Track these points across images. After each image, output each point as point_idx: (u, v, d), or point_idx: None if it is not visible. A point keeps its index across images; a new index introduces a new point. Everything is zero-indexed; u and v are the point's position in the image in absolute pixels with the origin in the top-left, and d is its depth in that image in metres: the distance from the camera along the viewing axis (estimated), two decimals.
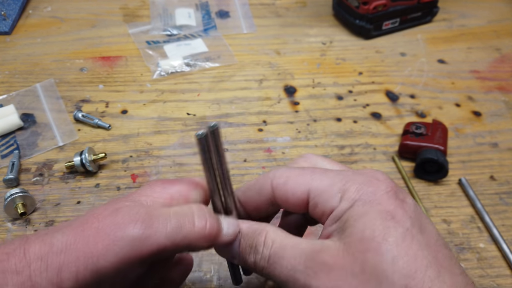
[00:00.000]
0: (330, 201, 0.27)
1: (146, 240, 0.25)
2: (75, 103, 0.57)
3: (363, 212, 0.25)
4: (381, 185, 0.27)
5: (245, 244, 0.29)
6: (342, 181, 0.27)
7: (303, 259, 0.26)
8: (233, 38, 0.68)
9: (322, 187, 0.28)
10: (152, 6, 0.74)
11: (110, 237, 0.25)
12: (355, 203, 0.26)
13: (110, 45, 0.66)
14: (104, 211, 0.26)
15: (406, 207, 0.26)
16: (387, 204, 0.26)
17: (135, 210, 0.26)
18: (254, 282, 0.40)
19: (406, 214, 0.25)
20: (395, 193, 0.26)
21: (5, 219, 0.45)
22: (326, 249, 0.26)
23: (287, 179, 0.29)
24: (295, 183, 0.29)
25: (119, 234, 0.25)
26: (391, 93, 0.60)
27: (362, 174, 0.28)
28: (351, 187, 0.27)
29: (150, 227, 0.26)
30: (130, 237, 0.25)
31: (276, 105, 0.58)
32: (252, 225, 0.30)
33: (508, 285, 0.41)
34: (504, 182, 0.49)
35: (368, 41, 0.68)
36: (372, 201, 0.26)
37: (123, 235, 0.25)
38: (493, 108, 0.58)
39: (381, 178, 0.27)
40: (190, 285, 0.40)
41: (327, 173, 0.28)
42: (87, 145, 0.52)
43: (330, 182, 0.28)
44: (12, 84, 0.60)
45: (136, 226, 0.25)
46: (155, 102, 0.58)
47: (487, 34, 0.70)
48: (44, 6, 0.73)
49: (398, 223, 0.25)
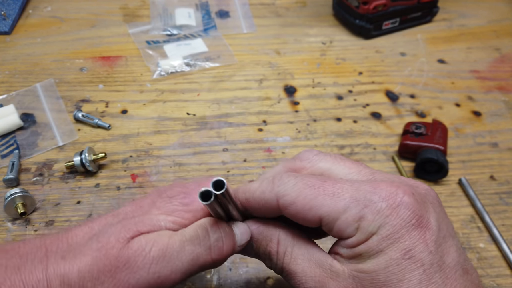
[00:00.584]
0: (345, 229, 0.25)
1: (162, 283, 0.26)
2: (75, 103, 0.57)
3: (379, 249, 0.24)
4: (404, 213, 0.24)
5: (258, 250, 0.30)
6: (358, 206, 0.24)
7: (316, 285, 0.26)
8: (233, 38, 0.68)
9: (336, 214, 0.25)
10: (152, 6, 0.74)
11: (123, 284, 0.25)
12: (372, 237, 0.24)
13: (110, 45, 0.66)
14: (116, 243, 0.25)
15: (427, 237, 0.24)
16: (406, 239, 0.23)
17: (149, 247, 0.26)
18: (254, 282, 0.40)
19: (426, 248, 0.23)
20: (418, 221, 0.24)
21: (5, 219, 0.45)
22: (335, 277, 0.26)
23: (295, 199, 0.26)
24: (305, 206, 0.26)
25: (132, 282, 0.25)
26: (391, 93, 0.60)
27: (383, 191, 0.25)
28: (368, 216, 0.24)
29: (165, 267, 0.25)
30: (143, 285, 0.25)
31: (276, 105, 0.58)
32: (263, 231, 0.29)
33: (508, 285, 0.41)
34: (504, 182, 0.49)
35: (368, 41, 0.68)
36: (390, 236, 0.24)
37: (136, 284, 0.25)
38: (493, 108, 0.58)
39: (405, 201, 0.24)
40: (190, 285, 0.40)
41: (341, 192, 0.25)
42: (87, 145, 0.52)
43: (345, 206, 0.25)
44: (12, 84, 0.60)
45: (150, 272, 0.25)
46: (155, 102, 0.58)
47: (487, 34, 0.70)
48: (44, 6, 0.73)
49: (416, 263, 0.23)
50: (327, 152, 0.31)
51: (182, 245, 0.26)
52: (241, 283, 0.40)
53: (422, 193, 0.26)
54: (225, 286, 0.40)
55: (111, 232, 0.26)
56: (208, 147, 0.53)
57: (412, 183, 0.27)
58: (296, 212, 0.26)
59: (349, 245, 0.25)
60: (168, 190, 0.29)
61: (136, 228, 0.26)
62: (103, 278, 0.24)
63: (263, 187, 0.28)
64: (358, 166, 0.28)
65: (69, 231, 0.27)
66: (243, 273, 0.41)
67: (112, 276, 0.25)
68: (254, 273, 0.41)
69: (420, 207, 0.24)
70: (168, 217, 0.28)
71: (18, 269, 0.24)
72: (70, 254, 0.25)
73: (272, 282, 0.40)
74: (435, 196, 0.27)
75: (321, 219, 0.26)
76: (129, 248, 0.25)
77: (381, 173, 0.28)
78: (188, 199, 0.28)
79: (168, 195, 0.29)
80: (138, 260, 0.25)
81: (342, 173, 0.28)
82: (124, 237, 0.26)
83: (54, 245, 0.26)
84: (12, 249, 0.26)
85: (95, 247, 0.25)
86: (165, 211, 0.28)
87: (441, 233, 0.24)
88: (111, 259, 0.25)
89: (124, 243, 0.25)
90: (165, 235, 0.26)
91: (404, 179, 0.27)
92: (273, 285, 0.40)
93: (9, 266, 0.25)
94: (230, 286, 0.40)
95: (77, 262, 0.25)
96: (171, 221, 0.28)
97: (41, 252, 0.26)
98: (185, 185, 0.29)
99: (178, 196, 0.28)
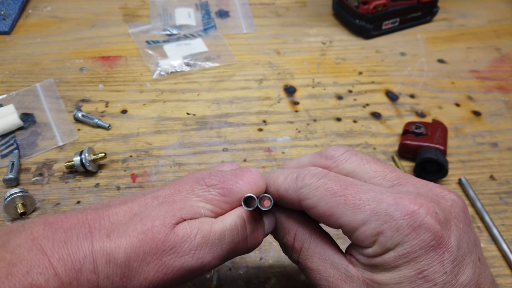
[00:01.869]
0: (362, 241, 0.25)
1: (204, 267, 0.27)
2: (75, 103, 0.57)
3: (395, 265, 0.24)
4: (424, 235, 0.24)
5: (276, 237, 0.31)
6: (378, 221, 0.24)
7: (329, 285, 0.27)
8: (233, 38, 0.68)
9: (355, 225, 0.25)
10: (152, 6, 0.74)
11: (168, 267, 0.26)
12: (389, 252, 0.24)
13: (110, 44, 0.66)
14: (162, 228, 0.27)
15: (445, 258, 0.24)
16: (423, 259, 0.23)
17: (193, 234, 0.27)
18: (254, 282, 0.40)
19: (442, 269, 0.23)
20: (437, 242, 0.24)
21: (5, 219, 0.45)
22: (349, 281, 0.26)
23: (316, 204, 0.26)
24: (325, 213, 0.26)
25: (177, 265, 0.26)
26: (391, 93, 0.60)
27: (405, 208, 0.24)
28: (387, 232, 0.24)
29: (208, 253, 0.27)
30: (187, 269, 0.27)
31: (276, 105, 0.58)
32: (282, 222, 0.30)
33: (508, 285, 0.41)
34: (504, 181, 0.49)
35: (368, 41, 0.68)
36: (407, 255, 0.24)
37: (181, 267, 0.26)
38: (493, 108, 0.58)
39: (426, 223, 0.24)
40: (190, 285, 0.40)
41: (362, 204, 0.25)
42: (87, 145, 0.52)
43: (364, 219, 0.25)
44: (12, 84, 0.60)
45: (195, 257, 0.27)
46: (155, 102, 0.58)
47: (487, 34, 0.70)
48: (44, 6, 0.73)
49: (429, 282, 0.23)
50: (355, 151, 0.30)
51: (223, 234, 0.28)
52: (241, 283, 0.40)
53: (447, 207, 0.26)
54: (225, 286, 0.40)
55: (155, 216, 0.27)
56: (208, 147, 0.53)
57: (438, 193, 0.27)
58: (317, 216, 0.27)
59: (365, 254, 0.26)
60: (206, 178, 0.30)
61: (180, 214, 0.27)
62: (149, 259, 0.26)
63: (287, 185, 0.28)
64: (384, 170, 0.28)
65: (109, 209, 0.28)
66: (243, 273, 0.41)
67: (158, 258, 0.26)
68: (254, 273, 0.41)
69: (441, 227, 0.24)
70: (207, 205, 0.29)
71: (64, 243, 0.25)
72: (114, 233, 0.26)
73: (272, 282, 0.40)
74: (462, 206, 0.27)
75: (341, 227, 0.26)
76: (175, 234, 0.27)
77: (409, 178, 0.28)
78: (226, 190, 0.29)
79: (206, 183, 0.29)
80: (184, 246, 0.26)
81: (366, 176, 0.28)
82: (169, 223, 0.27)
83: (96, 221, 0.27)
84: (55, 222, 0.26)
85: (140, 229, 0.26)
86: (204, 199, 0.29)
87: (460, 252, 0.24)
88: (158, 243, 0.26)
89: (170, 229, 0.27)
90: (207, 223, 0.28)
91: (431, 189, 0.27)
92: (273, 285, 0.40)
93: (56, 239, 0.25)
94: (230, 286, 0.40)
95: (123, 242, 0.26)
96: (210, 210, 0.29)
97: (85, 228, 0.26)
98: (223, 174, 0.30)
99: (216, 186, 0.29)
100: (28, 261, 0.24)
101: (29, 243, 0.25)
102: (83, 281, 0.24)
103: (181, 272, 0.27)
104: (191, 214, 0.28)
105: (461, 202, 0.27)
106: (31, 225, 0.26)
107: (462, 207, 0.27)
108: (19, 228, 0.26)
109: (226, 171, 0.31)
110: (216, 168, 0.33)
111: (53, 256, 0.24)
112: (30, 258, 0.24)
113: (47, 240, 0.25)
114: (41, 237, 0.25)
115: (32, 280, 0.23)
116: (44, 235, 0.25)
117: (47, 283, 0.23)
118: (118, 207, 0.28)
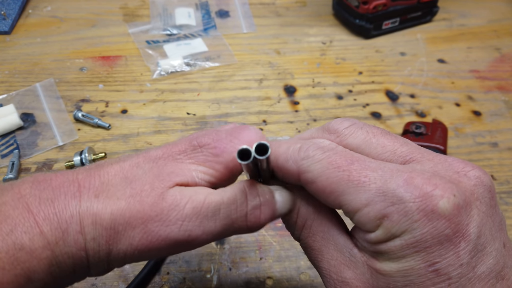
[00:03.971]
0: (364, 224, 0.22)
1: (192, 241, 0.25)
2: (75, 103, 0.57)
3: (401, 255, 0.21)
4: (438, 222, 0.20)
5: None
6: (384, 202, 0.21)
7: (330, 268, 0.25)
8: (233, 38, 0.68)
9: (357, 205, 0.22)
10: (152, 5, 0.74)
11: (153, 235, 0.24)
12: (394, 240, 0.21)
13: (110, 44, 0.66)
14: (151, 192, 0.25)
15: (461, 248, 0.21)
16: (435, 250, 0.20)
17: (183, 203, 0.25)
18: (254, 282, 0.40)
19: (458, 261, 0.20)
20: (453, 230, 0.20)
21: None
22: (353, 266, 0.24)
23: (316, 179, 0.24)
24: (326, 189, 0.23)
25: (162, 234, 0.24)
26: (391, 93, 0.60)
27: (416, 189, 0.21)
28: (394, 215, 0.21)
29: (197, 227, 0.25)
30: (173, 239, 0.25)
31: (276, 104, 0.58)
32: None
33: None
34: (504, 181, 0.49)
35: (368, 41, 0.68)
36: (416, 244, 0.21)
37: (166, 237, 0.24)
38: (493, 107, 0.58)
39: (442, 207, 0.20)
40: (190, 285, 0.40)
41: (367, 181, 0.22)
42: (87, 144, 0.52)
43: (368, 199, 0.22)
44: (12, 83, 0.60)
45: (182, 229, 0.24)
46: (155, 101, 0.58)
47: (487, 34, 0.70)
48: (44, 5, 0.73)
49: (442, 276, 0.20)
50: (361, 123, 0.26)
51: (217, 207, 0.25)
52: (241, 283, 0.40)
53: (468, 188, 0.22)
54: (225, 286, 0.40)
55: (145, 180, 0.25)
56: None
57: (460, 170, 0.23)
58: (315, 192, 0.24)
59: (368, 240, 0.23)
60: (199, 137, 0.27)
61: (170, 178, 0.26)
62: (134, 224, 0.24)
63: (288, 155, 0.25)
64: (394, 143, 0.25)
65: (101, 168, 0.26)
66: (243, 273, 0.41)
67: (143, 224, 0.24)
68: (254, 273, 0.41)
69: (460, 213, 0.21)
70: (199, 167, 0.27)
71: (51, 201, 0.24)
72: (103, 194, 0.25)
73: (272, 282, 0.40)
74: (488, 185, 0.23)
75: (341, 207, 0.23)
76: (164, 200, 0.25)
77: (423, 153, 0.24)
78: (219, 149, 0.27)
79: (198, 143, 0.27)
80: (171, 215, 0.24)
81: (374, 152, 0.25)
82: (159, 187, 0.25)
83: (86, 181, 0.25)
84: (44, 181, 0.25)
85: (129, 192, 0.25)
86: (196, 161, 0.27)
87: (480, 240, 0.21)
88: (145, 207, 0.24)
89: (159, 193, 0.25)
90: (202, 193, 0.25)
91: (450, 164, 0.23)
92: (273, 285, 0.40)
93: (43, 198, 0.24)
94: (230, 286, 0.40)
95: (111, 204, 0.24)
96: (202, 172, 0.27)
97: (74, 187, 0.25)
98: (217, 133, 0.28)
99: (208, 145, 0.27)
100: (12, 219, 0.23)
101: (15, 201, 0.23)
102: (69, 241, 0.23)
103: (166, 242, 0.25)
104: (182, 178, 0.26)
105: (488, 179, 0.23)
106: (19, 183, 0.25)
107: (489, 186, 0.23)
108: (7, 186, 0.25)
109: (222, 130, 0.28)
110: (215, 128, 0.30)
111: (39, 215, 0.23)
112: (15, 216, 0.23)
113: (33, 198, 0.24)
114: (28, 195, 0.24)
115: (16, 239, 0.22)
116: (31, 193, 0.24)
117: (32, 242, 0.22)
118: (110, 166, 0.27)
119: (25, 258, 0.22)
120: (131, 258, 0.25)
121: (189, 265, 0.41)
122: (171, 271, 0.41)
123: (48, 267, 0.23)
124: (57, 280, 0.24)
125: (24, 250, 0.22)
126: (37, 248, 0.22)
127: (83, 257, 0.24)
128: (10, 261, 0.22)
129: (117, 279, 0.40)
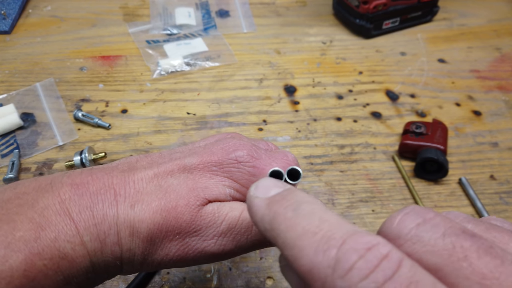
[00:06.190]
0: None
1: (225, 255, 0.27)
2: (75, 103, 0.57)
3: None
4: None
5: None
6: None
7: None
8: (233, 38, 0.68)
9: None
10: (152, 5, 0.74)
11: (190, 247, 0.26)
12: None
13: (110, 44, 0.66)
14: (187, 209, 0.26)
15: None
16: None
17: (220, 220, 0.26)
18: (254, 282, 0.40)
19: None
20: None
21: None
22: None
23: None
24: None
25: (199, 247, 0.26)
26: (391, 93, 0.60)
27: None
28: None
29: (231, 242, 0.26)
30: (208, 253, 0.27)
31: (276, 104, 0.58)
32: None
33: None
34: (504, 181, 0.49)
35: (368, 41, 0.68)
36: None
37: (202, 250, 0.26)
38: (493, 107, 0.58)
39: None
40: (190, 285, 0.40)
41: None
42: (87, 144, 0.52)
43: None
44: (12, 83, 0.60)
45: (217, 244, 0.26)
46: (155, 101, 0.58)
47: (487, 34, 0.70)
48: (44, 5, 0.73)
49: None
50: (444, 219, 0.16)
51: (250, 224, 0.26)
52: (241, 282, 0.40)
53: None
54: (225, 285, 0.40)
55: (180, 194, 0.26)
56: None
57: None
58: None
59: None
60: (237, 150, 0.28)
61: (204, 195, 0.26)
62: (171, 237, 0.25)
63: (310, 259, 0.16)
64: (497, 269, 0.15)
65: (135, 173, 0.27)
66: (243, 272, 0.41)
67: (181, 238, 0.26)
68: (254, 273, 0.41)
69: None
70: (233, 184, 0.28)
71: (90, 210, 0.24)
72: (139, 205, 0.25)
73: (272, 282, 0.40)
74: None
75: None
76: (201, 218, 0.26)
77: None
78: (257, 169, 0.27)
79: (237, 158, 0.27)
80: (208, 232, 0.26)
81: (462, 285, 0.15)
82: (194, 204, 0.26)
83: (121, 188, 0.26)
84: (82, 184, 0.25)
85: (164, 206, 0.26)
86: (230, 176, 0.27)
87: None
88: (182, 223, 0.26)
89: (195, 210, 0.26)
90: (237, 210, 0.27)
91: None
92: (273, 285, 0.40)
93: (82, 205, 0.24)
94: (230, 285, 0.40)
95: (147, 216, 0.25)
96: (235, 189, 0.28)
97: (111, 195, 0.25)
98: (256, 151, 0.28)
99: (247, 163, 0.27)
100: (55, 225, 0.23)
101: (56, 206, 0.24)
102: (107, 252, 0.24)
103: (202, 254, 0.26)
104: (215, 195, 0.27)
105: None
106: (58, 185, 0.25)
107: None
108: (46, 186, 0.25)
109: (260, 147, 0.29)
110: (251, 142, 0.30)
111: (80, 224, 0.24)
112: (58, 222, 0.23)
113: (73, 204, 0.24)
114: (68, 200, 0.24)
115: (60, 247, 0.23)
116: (71, 198, 0.24)
117: (73, 251, 0.23)
118: (144, 171, 0.27)
119: (66, 266, 0.23)
120: (165, 265, 0.26)
121: None
122: (171, 270, 0.41)
123: (85, 274, 0.24)
124: (90, 281, 0.25)
125: (66, 259, 0.23)
126: (78, 257, 0.23)
127: (118, 265, 0.25)
128: (54, 268, 0.23)
129: (117, 279, 0.40)
